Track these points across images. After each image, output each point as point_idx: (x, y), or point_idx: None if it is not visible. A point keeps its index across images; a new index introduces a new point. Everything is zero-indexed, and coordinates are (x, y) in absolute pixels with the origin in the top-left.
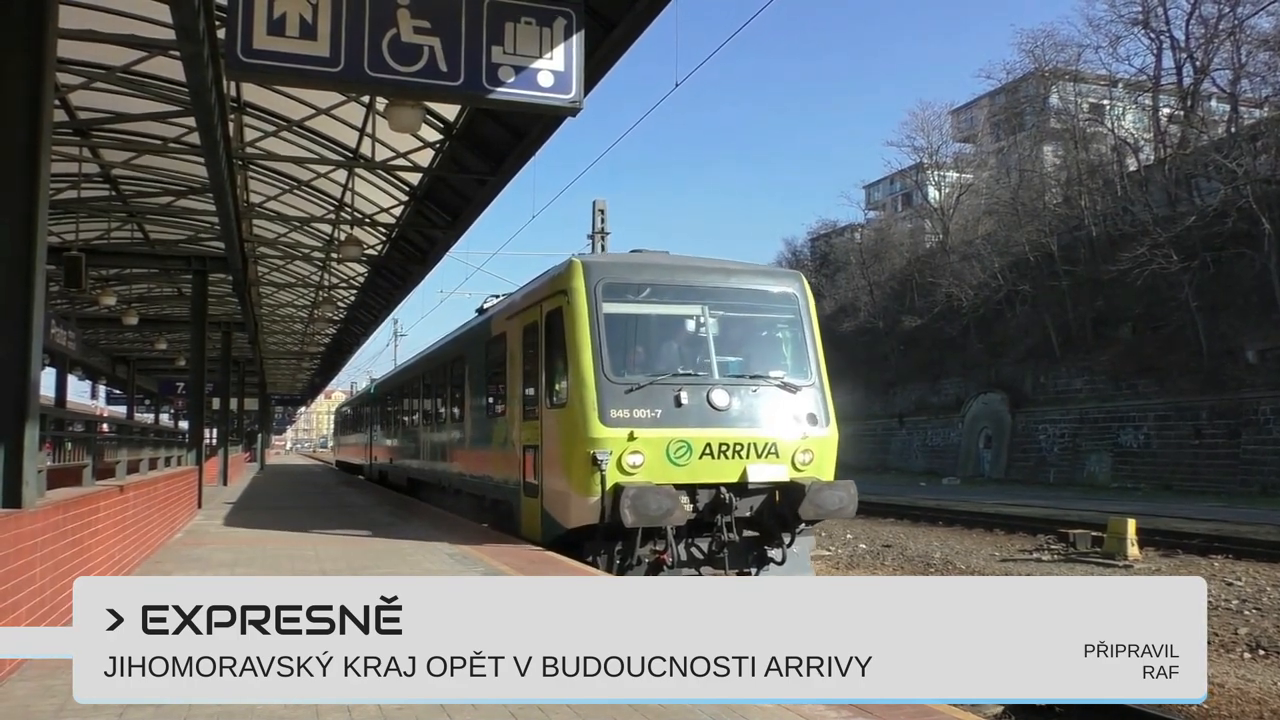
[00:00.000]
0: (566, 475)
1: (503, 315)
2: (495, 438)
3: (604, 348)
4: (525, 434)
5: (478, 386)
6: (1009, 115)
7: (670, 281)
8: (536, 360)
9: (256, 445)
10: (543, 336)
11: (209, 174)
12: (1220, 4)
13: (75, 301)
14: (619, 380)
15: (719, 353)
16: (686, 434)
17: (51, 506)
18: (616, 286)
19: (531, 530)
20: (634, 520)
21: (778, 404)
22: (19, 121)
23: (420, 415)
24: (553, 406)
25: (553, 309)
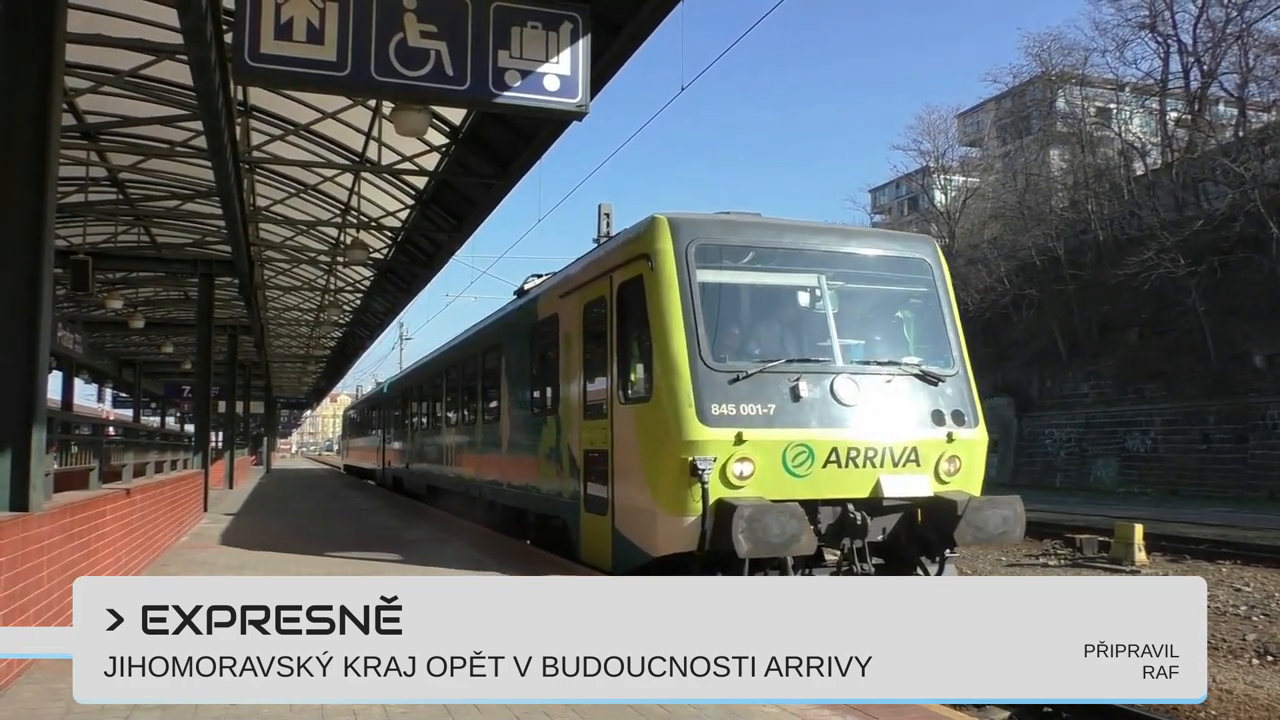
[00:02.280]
0: (651, 488)
1: (554, 293)
2: (543, 441)
3: (700, 326)
4: (586, 436)
5: (519, 380)
6: (1015, 119)
7: (779, 244)
8: (604, 344)
9: (262, 449)
10: (613, 314)
11: (216, 178)
12: (1228, 8)
13: (82, 305)
14: (721, 367)
15: (841, 333)
16: (807, 436)
17: (58, 510)
18: (713, 249)
19: (596, 555)
20: (750, 549)
21: (916, 398)
22: (27, 125)
23: (444, 415)
24: (628, 401)
25: (628, 279)
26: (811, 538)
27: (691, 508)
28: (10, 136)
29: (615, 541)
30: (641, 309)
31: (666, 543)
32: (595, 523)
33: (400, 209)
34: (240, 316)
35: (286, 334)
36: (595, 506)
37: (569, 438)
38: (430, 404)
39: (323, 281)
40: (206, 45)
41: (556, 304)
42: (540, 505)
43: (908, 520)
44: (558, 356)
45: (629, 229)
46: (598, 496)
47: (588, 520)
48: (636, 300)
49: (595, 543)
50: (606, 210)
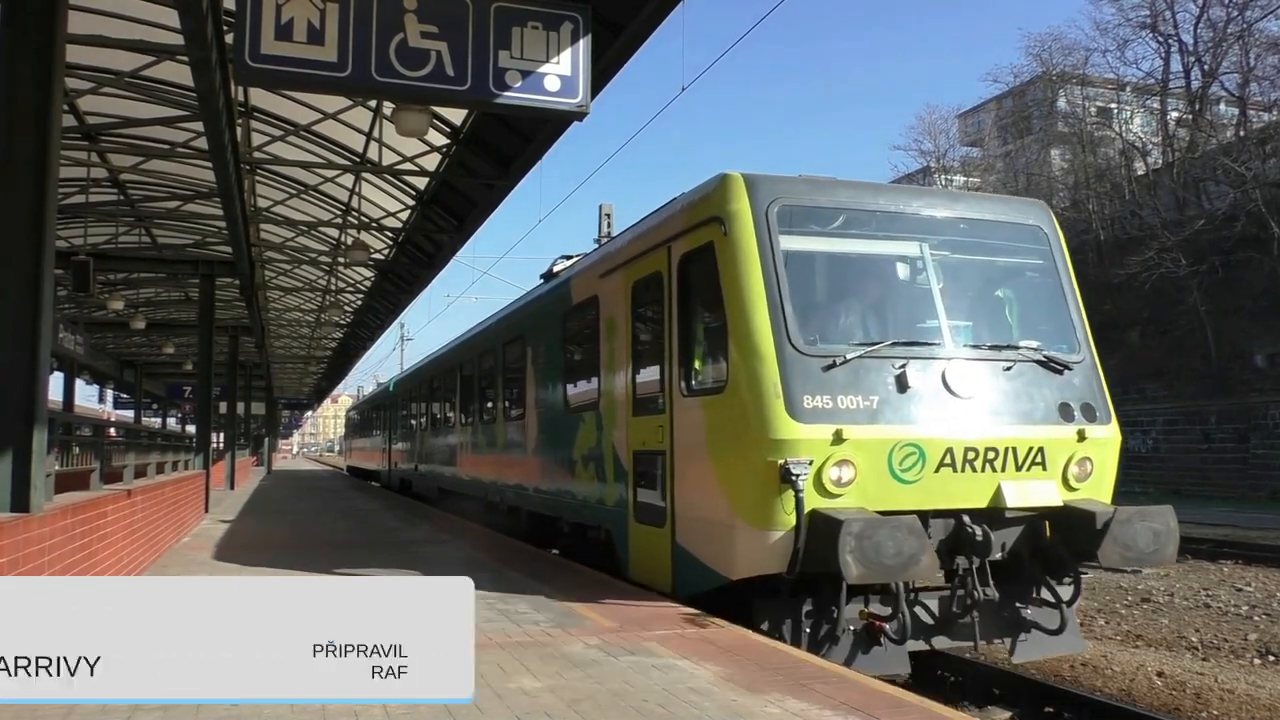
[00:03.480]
0: (727, 497)
1: (592, 273)
2: (579, 441)
3: (786, 301)
4: (636, 435)
5: (548, 373)
6: (1016, 119)
7: (875, 206)
8: (660, 327)
9: (263, 449)
10: (671, 291)
11: (217, 178)
12: (1229, 7)
13: (83, 306)
14: (812, 351)
15: (948, 312)
16: (917, 434)
17: (59, 510)
18: (799, 212)
19: (650, 573)
20: (860, 573)
21: (1040, 389)
22: (28, 125)
23: (458, 414)
24: (694, 393)
25: (693, 249)
26: (933, 559)
27: (780, 521)
28: (11, 137)
29: (678, 559)
30: (711, 283)
31: (748, 563)
32: (649, 536)
33: (401, 209)
34: (241, 317)
35: (287, 335)
36: (648, 516)
37: (613, 437)
38: (442, 402)
39: (324, 282)
40: (207, 46)
41: (595, 285)
42: (576, 513)
43: (1031, 535)
44: (597, 345)
45: (690, 192)
46: (652, 505)
47: (639, 533)
48: (704, 273)
49: (649, 559)
50: (607, 211)
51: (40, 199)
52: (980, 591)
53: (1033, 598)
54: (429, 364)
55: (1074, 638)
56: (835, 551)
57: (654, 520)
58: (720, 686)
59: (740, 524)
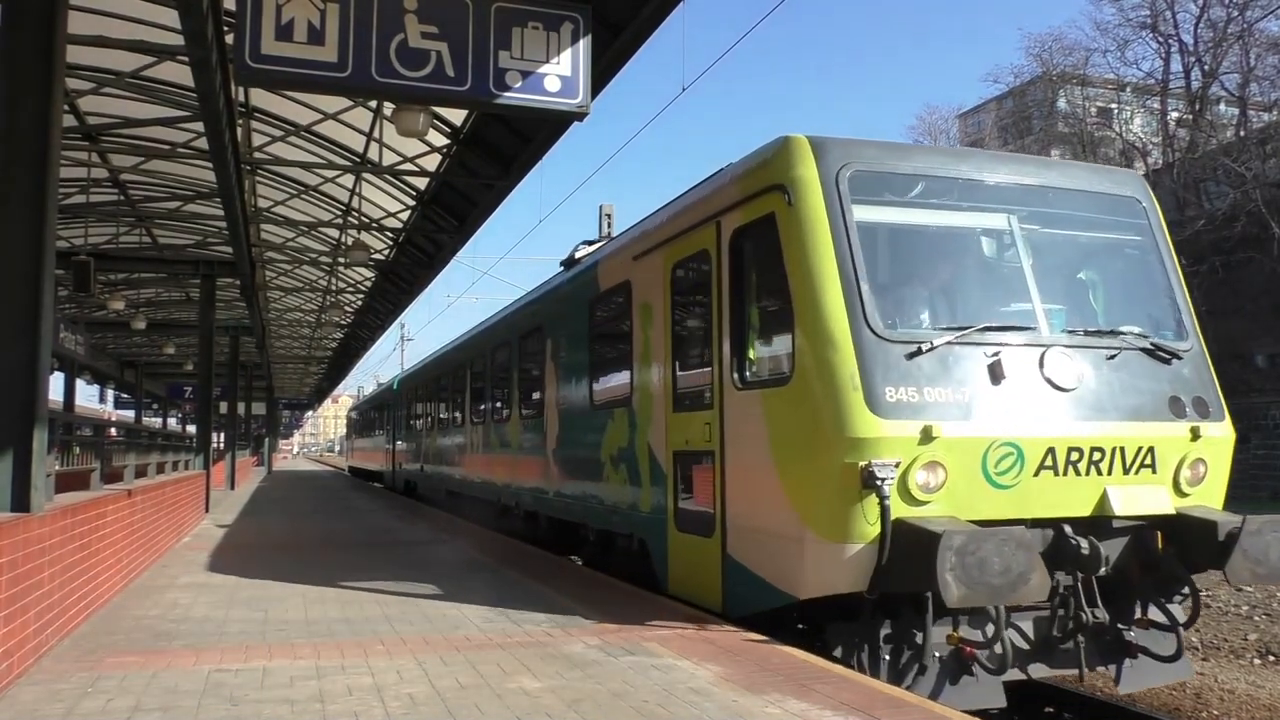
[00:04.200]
0: (796, 504)
1: (623, 255)
2: (607, 440)
3: (862, 280)
4: (677, 433)
5: (571, 367)
6: (1017, 119)
7: (957, 173)
8: (707, 312)
9: (264, 450)
10: (721, 271)
11: (217, 179)
12: (1229, 7)
13: (84, 306)
14: (893, 336)
15: (1042, 292)
16: (1015, 432)
17: (60, 511)
18: (874, 178)
19: (695, 588)
20: (962, 594)
21: (1148, 381)
22: (29, 126)
23: (468, 412)
24: (750, 385)
25: (749, 222)
26: (1044, 577)
27: (859, 532)
28: (12, 137)
29: (730, 574)
30: (771, 260)
31: (819, 580)
32: (693, 547)
33: (401, 210)
34: (242, 317)
35: (288, 335)
36: (692, 525)
37: (649, 435)
38: (451, 400)
39: (324, 282)
40: (207, 46)
41: (627, 268)
42: (604, 520)
43: (1139, 547)
44: (629, 334)
45: (744, 160)
46: (697, 512)
47: (680, 543)
48: (763, 249)
49: (694, 573)
50: (608, 211)
51: (41, 199)
52: (1088, 613)
53: (1139, 618)
54: (436, 360)
55: (1185, 664)
56: (931, 569)
57: (699, 529)
58: (720, 687)
59: (810, 536)
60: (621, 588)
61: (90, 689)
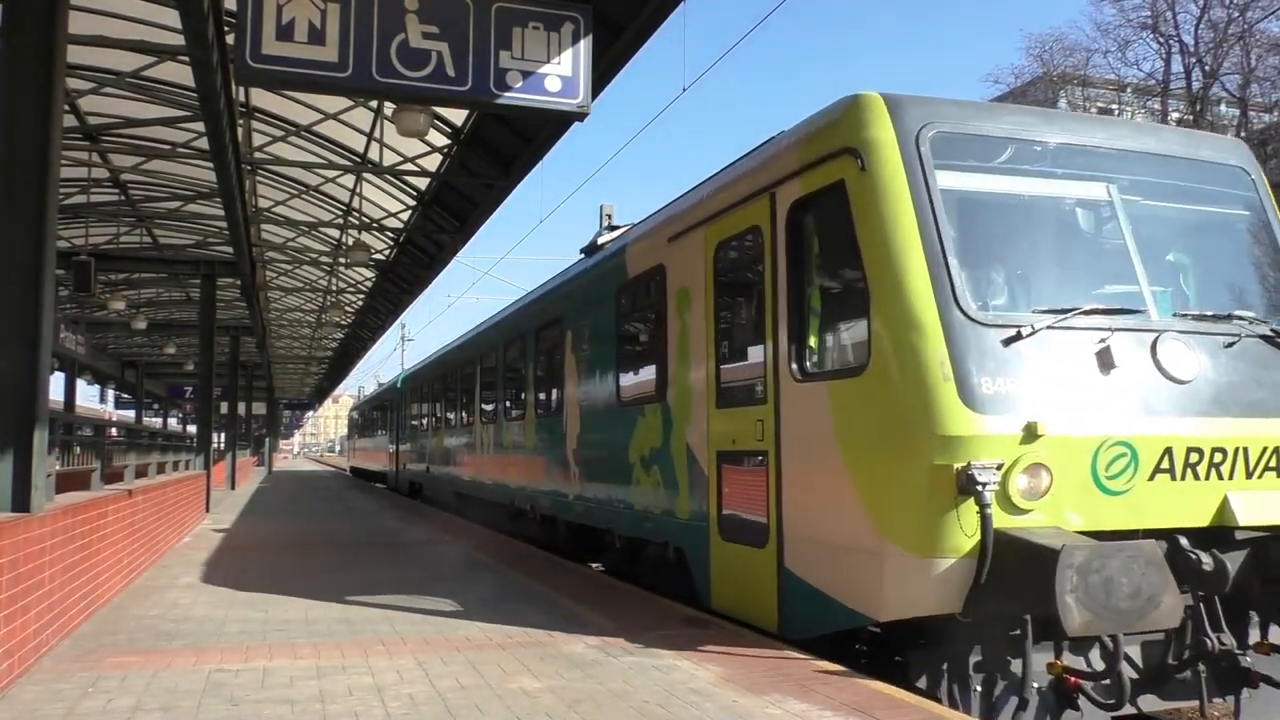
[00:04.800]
0: (873, 512)
1: (656, 237)
2: (637, 440)
3: (950, 255)
4: (721, 431)
5: (595, 361)
6: None
7: (1050, 137)
8: (757, 295)
9: (264, 450)
10: (776, 248)
11: (218, 179)
12: (1229, 8)
13: (84, 306)
14: (988, 319)
15: (1148, 271)
16: (1129, 430)
17: (60, 511)
18: (959, 141)
19: (744, 605)
20: (1085, 620)
21: (1270, 371)
22: (29, 126)
23: (479, 410)
24: (810, 377)
25: (810, 193)
26: (1177, 600)
27: (952, 544)
28: (12, 137)
29: (788, 591)
30: (839, 234)
31: (902, 599)
32: (741, 558)
33: (402, 210)
34: (242, 317)
35: (288, 335)
36: (741, 533)
37: (686, 434)
38: (460, 397)
39: (324, 282)
40: (208, 46)
41: (660, 252)
42: (634, 526)
43: (1263, 561)
44: (663, 323)
45: (804, 123)
46: (745, 520)
47: (725, 553)
48: (829, 222)
49: (743, 588)
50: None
51: (41, 199)
52: (1211, 638)
53: (1260, 642)
54: (443, 356)
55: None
56: (1045, 590)
57: (749, 539)
58: (721, 687)
59: (891, 549)
60: (622, 588)
61: (91, 689)
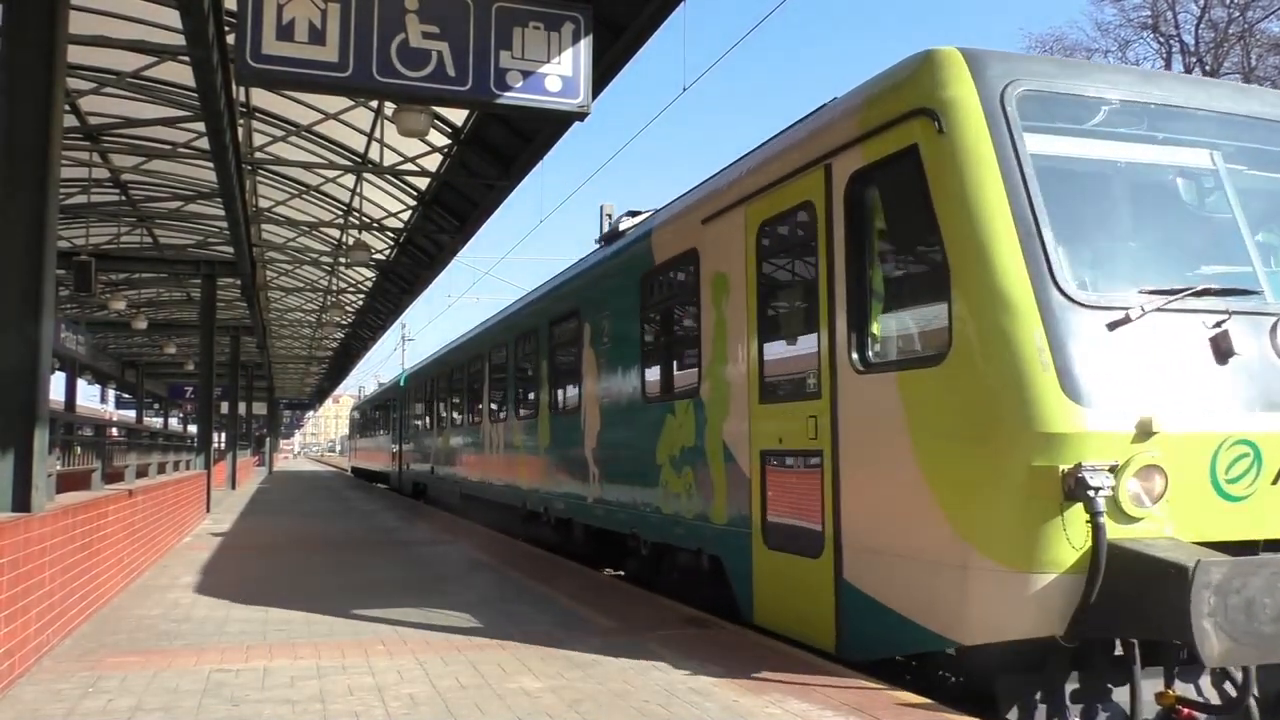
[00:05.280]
0: (956, 519)
1: (688, 218)
2: (666, 438)
3: (1045, 227)
4: (765, 428)
5: (617, 355)
6: None
7: (1147, 98)
8: (811, 278)
9: (264, 450)
10: (833, 225)
11: (218, 179)
12: (1230, 8)
13: (85, 306)
14: (1092, 300)
15: (1259, 248)
16: (1252, 427)
17: (60, 510)
18: (1048, 101)
19: (794, 619)
20: (1226, 649)
21: None
22: (30, 126)
23: (488, 408)
24: (874, 367)
25: (875, 162)
26: None
27: (1055, 557)
28: (13, 137)
29: (849, 606)
30: (911, 205)
31: (992, 620)
32: (791, 569)
33: (402, 210)
34: (243, 317)
35: (289, 335)
36: (790, 541)
37: (723, 432)
38: (467, 395)
39: (325, 282)
40: (208, 46)
41: (693, 234)
42: (662, 531)
43: None
44: (695, 311)
45: (868, 84)
46: (796, 527)
47: (770, 563)
48: (897, 192)
49: (792, 601)
50: (609, 211)
51: (42, 199)
52: None
53: None
54: (450, 353)
55: None
56: (1177, 613)
57: (800, 547)
58: (721, 687)
59: (981, 562)
60: (622, 588)
61: (91, 689)
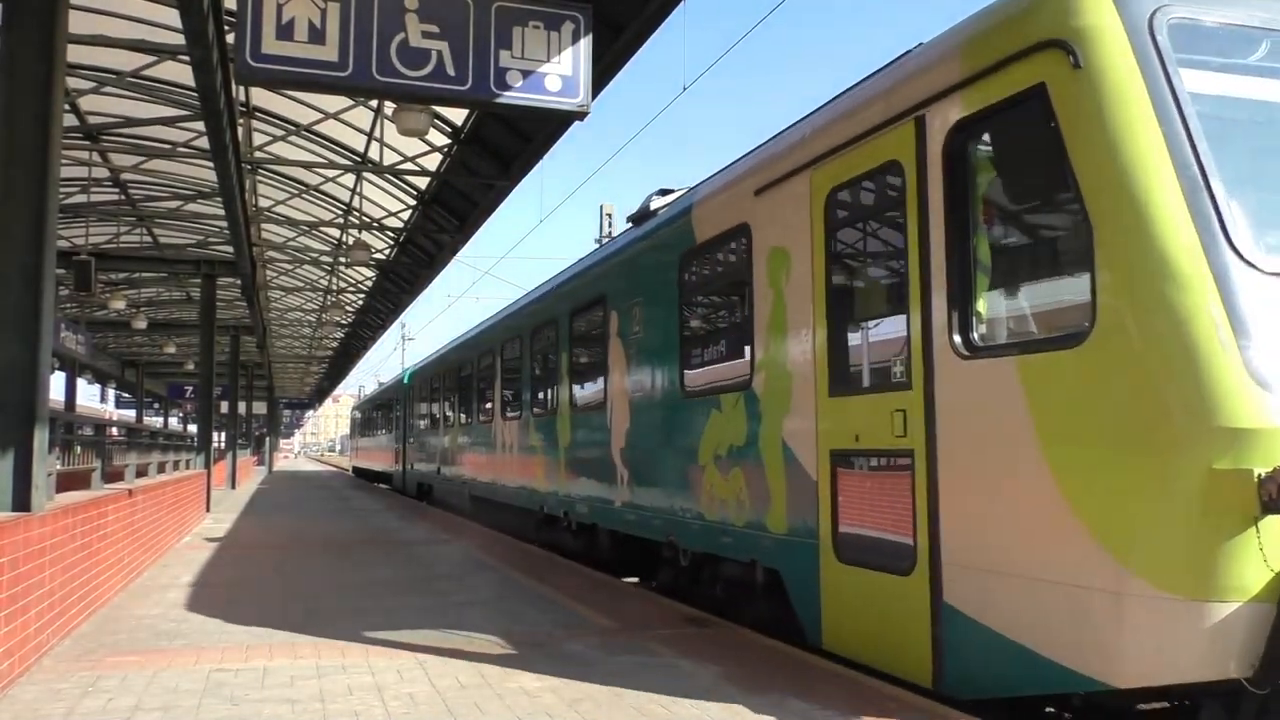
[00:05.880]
0: (1106, 534)
1: (738, 189)
2: (710, 436)
3: (1213, 178)
4: (837, 425)
5: (649, 343)
6: None
7: None
8: (897, 248)
9: (264, 449)
10: (928, 185)
11: (218, 178)
12: None
13: (85, 305)
14: (1273, 266)
15: None
16: None
17: (61, 510)
18: (1201, 33)
19: (882, 646)
20: None
21: None
22: (29, 125)
23: (500, 405)
24: (983, 351)
25: (987, 107)
26: None
27: (1243, 582)
28: (12, 137)
29: (953, 636)
30: (1038, 156)
31: (1155, 660)
32: (870, 587)
33: (402, 209)
34: (242, 317)
35: (289, 334)
36: (869, 555)
37: (783, 429)
38: (477, 391)
39: (325, 282)
40: (208, 46)
41: (744, 207)
42: (705, 540)
43: None
44: (748, 293)
45: (970, 19)
46: (879, 539)
47: (844, 579)
48: (1019, 142)
49: (873, 625)
50: (609, 210)
51: (42, 198)
52: None
53: None
54: (458, 348)
55: None
56: None
57: (883, 562)
58: (721, 686)
59: (1141, 587)
60: (622, 588)
61: (91, 688)
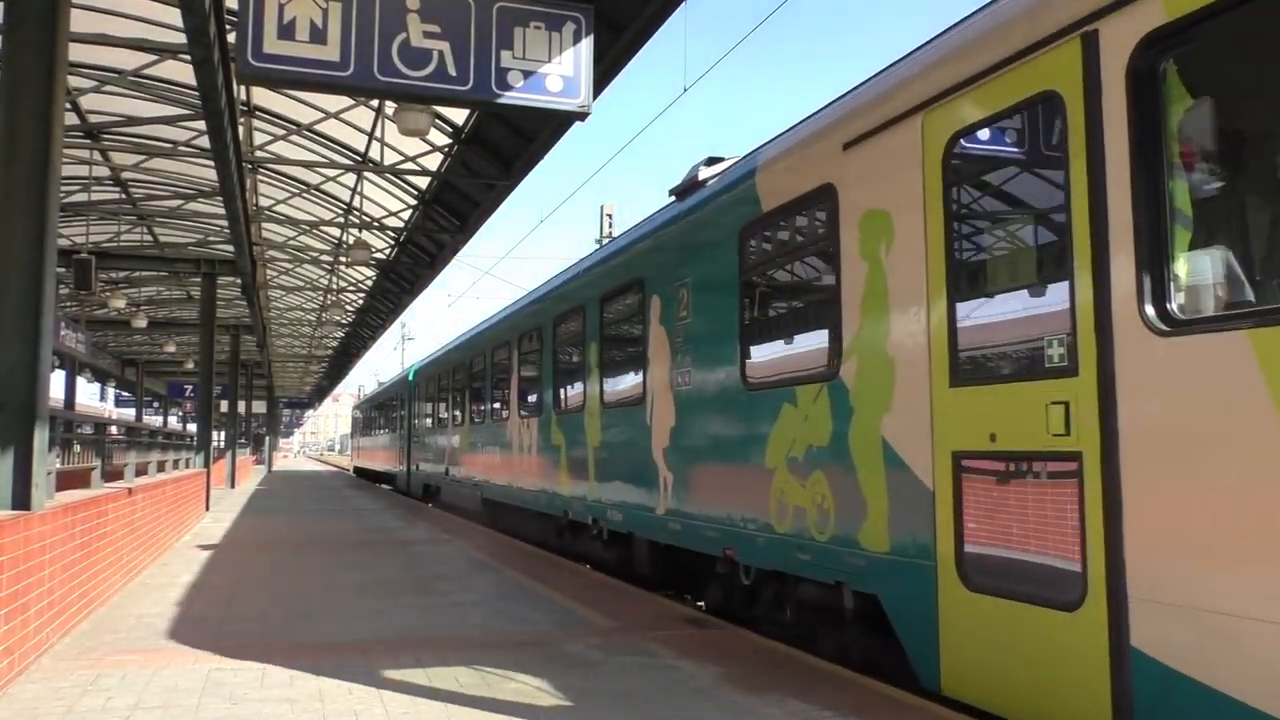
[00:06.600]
0: None
1: (819, 145)
2: (781, 435)
3: None
4: (964, 421)
5: (699, 330)
6: None
7: None
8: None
9: (264, 448)
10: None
11: (219, 177)
12: None
13: (85, 304)
14: None
15: None
16: None
17: (60, 508)
18: None
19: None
20: None
21: None
22: (31, 124)
23: (517, 402)
24: (1192, 325)
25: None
26: None
27: None
28: (14, 135)
29: (1146, 691)
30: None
31: None
32: (1012, 621)
33: (402, 209)
34: (243, 316)
35: (289, 334)
36: (1012, 582)
37: (884, 427)
38: (489, 388)
39: (325, 281)
40: (209, 45)
41: (829, 166)
42: (774, 556)
43: None
44: (831, 266)
45: None
46: (1028, 563)
47: (970, 610)
48: (1240, 56)
49: (1014, 668)
50: (609, 211)
51: (42, 197)
52: None
53: None
54: (467, 342)
55: None
56: None
57: (1034, 593)
58: (721, 686)
59: None
60: (622, 589)
61: (91, 687)
